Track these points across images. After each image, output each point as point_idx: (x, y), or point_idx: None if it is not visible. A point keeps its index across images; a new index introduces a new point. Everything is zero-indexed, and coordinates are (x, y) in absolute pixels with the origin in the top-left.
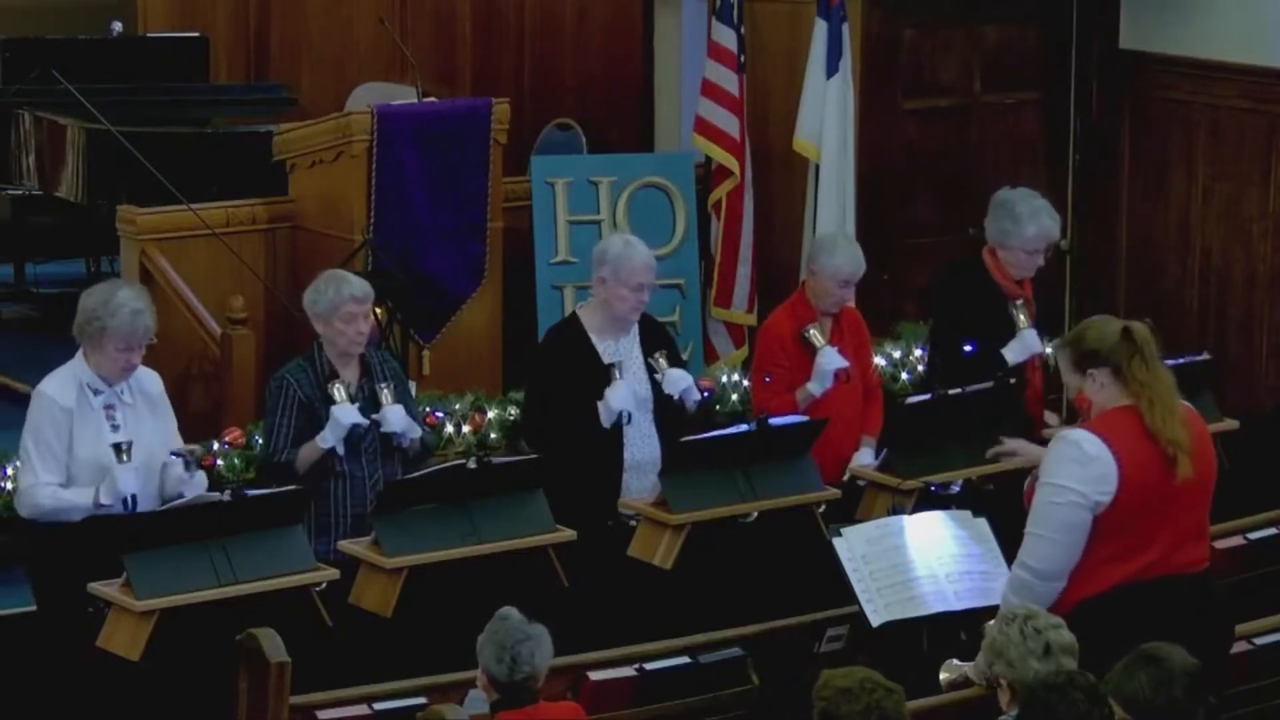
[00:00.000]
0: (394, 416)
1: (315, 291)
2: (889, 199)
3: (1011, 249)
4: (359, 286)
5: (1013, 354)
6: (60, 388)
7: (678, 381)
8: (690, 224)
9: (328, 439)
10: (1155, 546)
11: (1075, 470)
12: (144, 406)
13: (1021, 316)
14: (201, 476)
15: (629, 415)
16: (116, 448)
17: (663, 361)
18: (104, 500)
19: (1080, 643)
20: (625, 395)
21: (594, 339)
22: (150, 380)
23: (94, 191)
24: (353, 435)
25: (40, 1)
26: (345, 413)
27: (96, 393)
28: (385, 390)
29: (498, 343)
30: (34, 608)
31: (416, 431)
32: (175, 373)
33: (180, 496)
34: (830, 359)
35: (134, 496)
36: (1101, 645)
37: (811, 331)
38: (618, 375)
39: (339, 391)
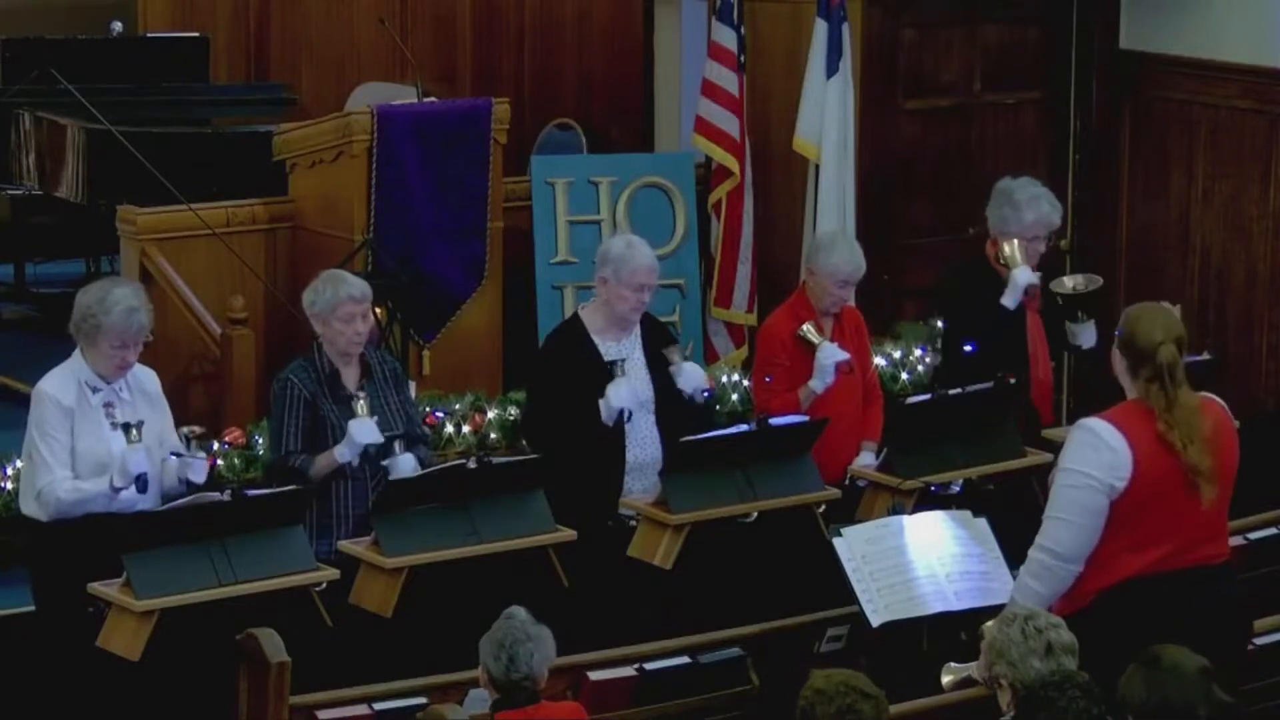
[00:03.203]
0: (692, 375)
1: (313, 292)
2: (889, 199)
3: (1011, 237)
4: (357, 286)
5: (1008, 299)
6: (60, 386)
7: (693, 378)
8: (690, 224)
9: (344, 454)
10: (1172, 539)
11: (1090, 456)
12: (142, 404)
13: (1018, 255)
14: (201, 461)
15: (629, 413)
16: (125, 428)
17: (677, 355)
18: (118, 483)
19: (1096, 634)
20: (626, 392)
21: (596, 340)
22: (148, 378)
23: (94, 191)
24: (368, 451)
25: (40, 1)
26: (362, 431)
27: (95, 390)
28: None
29: (498, 343)
30: (34, 608)
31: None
32: (175, 373)
33: (181, 492)
34: (829, 353)
35: (145, 476)
36: (1117, 637)
37: (807, 328)
38: (619, 372)
39: (360, 406)
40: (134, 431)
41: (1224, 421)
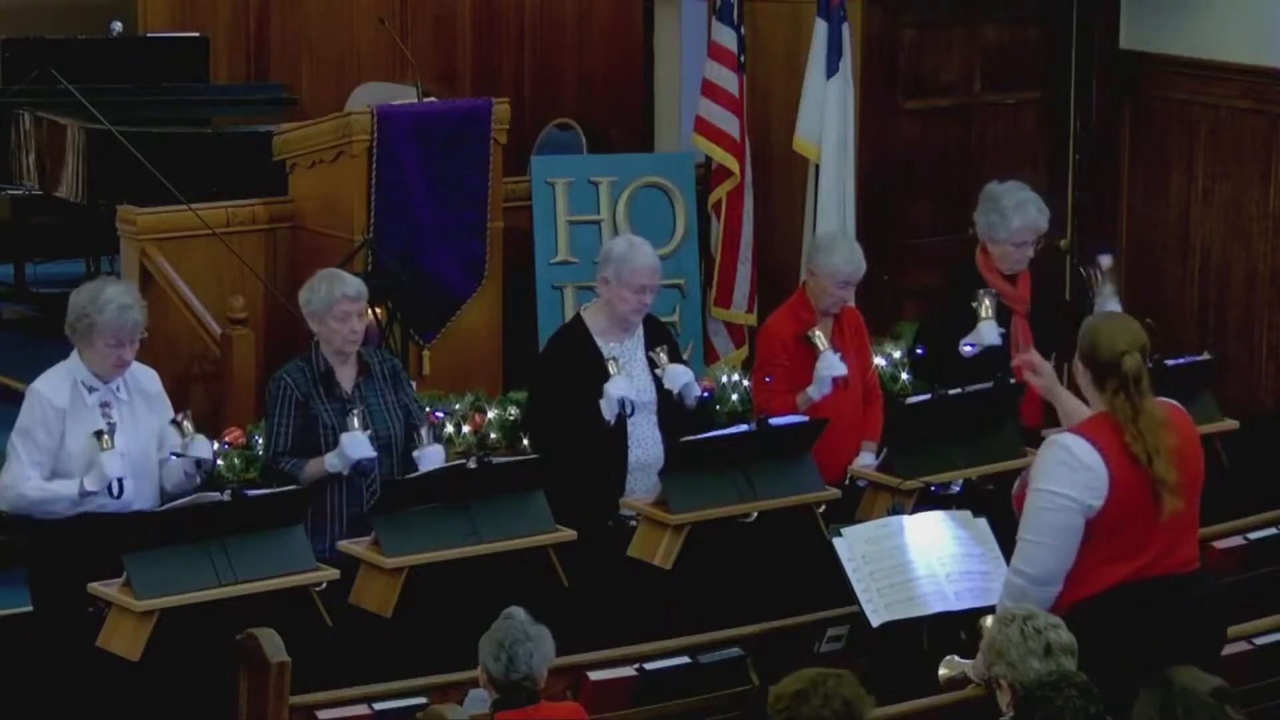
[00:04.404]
0: (677, 374)
1: (309, 290)
2: (889, 199)
3: (999, 243)
4: (353, 285)
5: (966, 345)
6: (54, 386)
7: (678, 377)
8: (690, 224)
9: (334, 464)
10: (1149, 549)
11: (1066, 475)
12: (140, 403)
13: (985, 304)
14: (202, 439)
15: (631, 406)
16: (98, 434)
17: (663, 356)
18: (90, 488)
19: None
20: (624, 384)
21: (598, 340)
22: (147, 377)
23: (94, 191)
24: (360, 466)
25: (40, 1)
26: (354, 445)
27: (91, 390)
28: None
29: (498, 343)
30: (32, 608)
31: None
32: (175, 373)
33: (186, 490)
34: (830, 365)
35: (120, 481)
36: (1096, 645)
37: (815, 333)
38: (615, 370)
39: (355, 420)
40: (105, 438)
41: (1190, 432)
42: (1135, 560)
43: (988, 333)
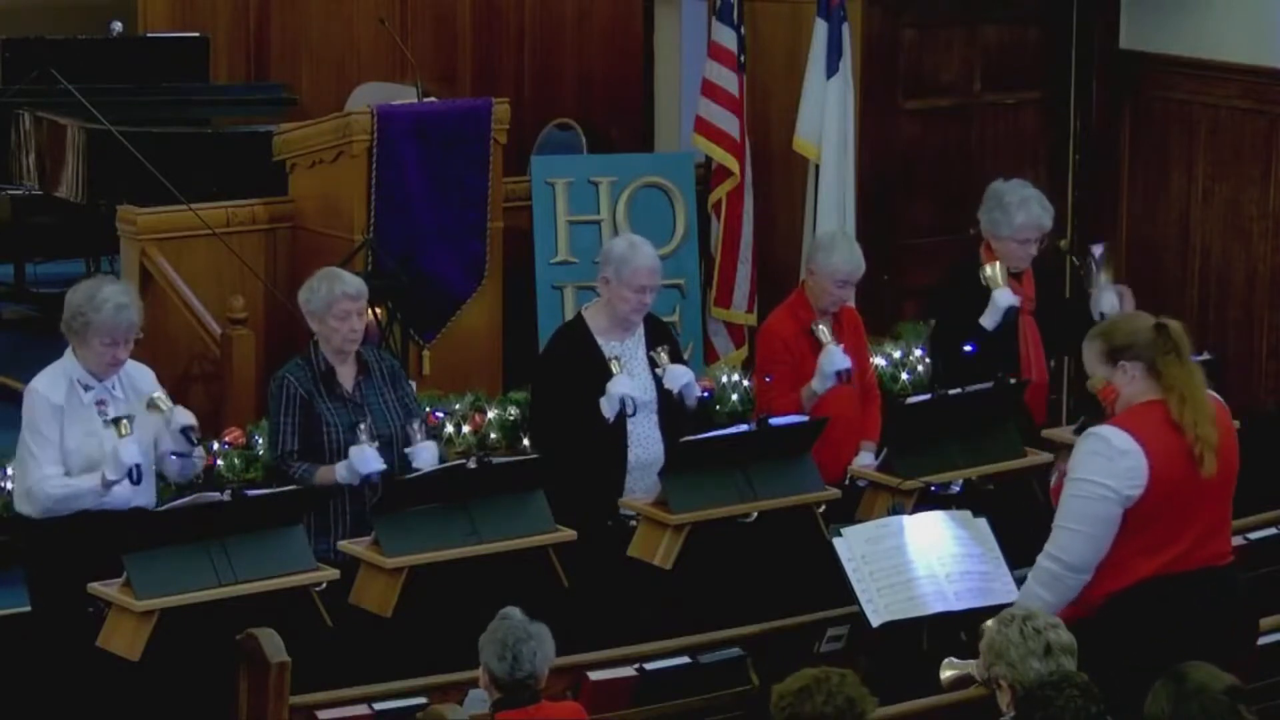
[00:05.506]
0: (677, 374)
1: (309, 290)
2: (889, 199)
3: (1003, 240)
4: (352, 284)
5: (988, 319)
6: (51, 384)
7: (678, 377)
8: (690, 224)
9: (344, 476)
10: (1183, 540)
11: (1104, 465)
12: (136, 402)
13: (994, 272)
14: (181, 409)
15: (633, 405)
16: (115, 421)
17: (664, 356)
18: (111, 476)
19: (1107, 638)
20: (626, 383)
21: (600, 340)
22: (142, 376)
23: (94, 191)
24: (370, 480)
25: (40, 1)
26: (364, 460)
27: (87, 388)
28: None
29: (498, 343)
30: (30, 607)
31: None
32: (175, 373)
33: (186, 477)
34: (833, 359)
35: (138, 467)
36: (1128, 638)
37: (820, 327)
38: (617, 369)
39: (362, 433)
40: (124, 424)
41: (1228, 424)
42: (1168, 552)
43: (1003, 298)
